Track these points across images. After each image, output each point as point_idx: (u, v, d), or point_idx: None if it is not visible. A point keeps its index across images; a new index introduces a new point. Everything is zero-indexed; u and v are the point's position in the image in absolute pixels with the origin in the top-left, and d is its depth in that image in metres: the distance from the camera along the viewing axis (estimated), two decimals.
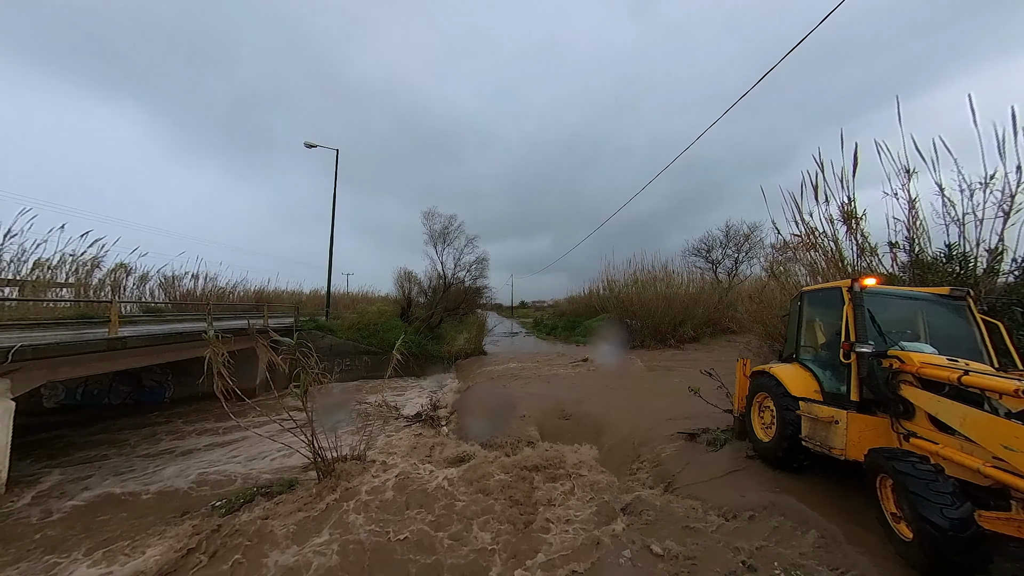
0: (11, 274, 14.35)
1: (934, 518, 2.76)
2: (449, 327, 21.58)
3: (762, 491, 4.67)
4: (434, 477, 5.94)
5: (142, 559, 4.25)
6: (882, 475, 3.38)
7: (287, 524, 4.69)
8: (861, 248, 7.34)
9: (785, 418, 4.73)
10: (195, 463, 7.95)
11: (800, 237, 8.41)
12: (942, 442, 3.36)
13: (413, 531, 4.55)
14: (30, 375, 6.82)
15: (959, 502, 2.78)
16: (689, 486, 5.29)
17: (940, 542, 2.73)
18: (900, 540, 3.16)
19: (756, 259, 25.02)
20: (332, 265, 21.01)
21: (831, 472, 4.66)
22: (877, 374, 3.88)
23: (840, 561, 3.44)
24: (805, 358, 5.20)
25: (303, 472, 6.89)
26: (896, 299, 4.65)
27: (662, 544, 3.95)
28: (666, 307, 19.68)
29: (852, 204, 7.39)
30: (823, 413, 4.32)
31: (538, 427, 8.51)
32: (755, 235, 25.62)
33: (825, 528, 3.84)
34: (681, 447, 6.40)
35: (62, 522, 5.69)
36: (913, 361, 3.72)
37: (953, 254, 6.67)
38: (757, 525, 4.21)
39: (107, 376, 12.40)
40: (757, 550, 3.75)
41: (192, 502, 6.22)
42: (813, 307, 5.32)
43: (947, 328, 4.45)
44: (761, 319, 10.52)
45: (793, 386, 4.82)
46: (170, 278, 20.27)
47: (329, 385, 6.06)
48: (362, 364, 17.53)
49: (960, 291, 4.47)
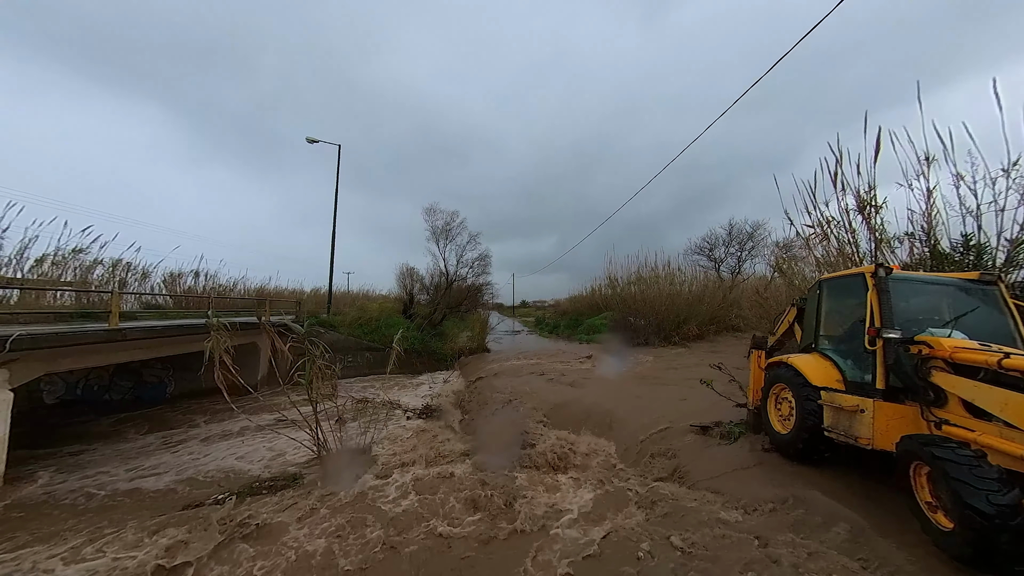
0: (12, 271, 14.22)
1: (980, 505, 2.61)
2: (452, 325, 21.44)
3: (782, 484, 4.53)
4: (437, 473, 5.80)
5: (144, 552, 4.12)
6: (916, 463, 3.23)
7: (292, 517, 4.55)
8: (878, 239, 7.19)
9: (806, 408, 4.58)
10: (197, 457, 7.82)
11: (813, 228, 8.26)
12: (979, 429, 3.22)
13: (413, 529, 4.41)
14: (29, 366, 6.69)
15: (1006, 488, 2.63)
16: (705, 480, 5.14)
17: (986, 530, 2.59)
18: (938, 530, 3.01)
19: (759, 257, 24.89)
20: (334, 262, 20.91)
21: (852, 464, 4.52)
22: (905, 361, 3.74)
23: (871, 554, 3.30)
24: (825, 347, 5.06)
25: (307, 467, 6.76)
26: (922, 284, 4.51)
27: (681, 536, 3.81)
28: (670, 304, 19.54)
29: (872, 192, 7.22)
30: (847, 402, 4.17)
31: (546, 419, 8.37)
32: (758, 234, 25.51)
33: (852, 520, 3.69)
34: (694, 440, 6.25)
35: (61, 515, 5.56)
36: (944, 347, 3.57)
37: (970, 244, 6.53)
38: (779, 518, 4.06)
39: (107, 371, 12.28)
40: (781, 543, 3.61)
41: (195, 496, 6.08)
42: (833, 295, 5.17)
43: (976, 314, 4.30)
44: (768, 315, 10.38)
45: (814, 376, 4.67)
46: (172, 275, 20.16)
47: (335, 381, 5.93)
48: (364, 360, 17.41)
49: (991, 275, 4.33)
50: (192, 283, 21.04)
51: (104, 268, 16.91)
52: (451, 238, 23.03)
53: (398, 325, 17.67)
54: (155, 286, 19.43)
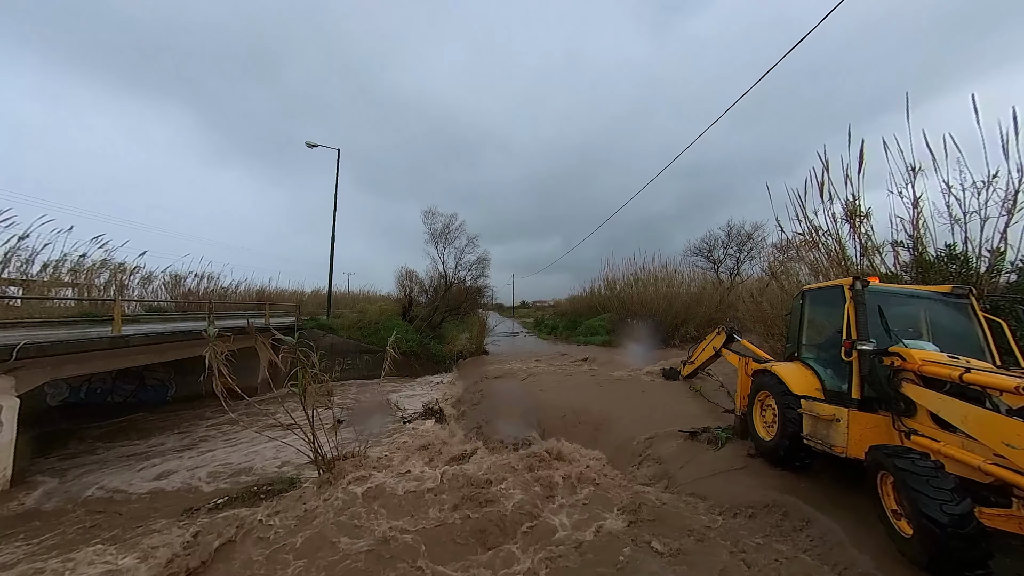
0: (19, 274, 14.45)
1: (934, 514, 2.76)
2: (451, 327, 21.58)
3: (763, 489, 4.67)
4: (437, 474, 5.95)
5: (145, 554, 4.27)
6: (883, 472, 3.38)
7: (289, 521, 4.71)
8: (864, 247, 7.32)
9: (787, 416, 4.73)
10: (196, 461, 7.98)
11: (803, 236, 8.39)
12: (943, 439, 3.36)
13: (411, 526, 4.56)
14: (34, 373, 6.86)
15: (959, 498, 2.78)
16: (690, 483, 5.30)
17: (940, 538, 2.73)
18: (901, 537, 3.16)
19: (758, 259, 24.94)
20: (333, 264, 21.08)
21: (834, 471, 4.65)
22: (879, 372, 3.88)
23: (841, 558, 3.45)
24: (807, 356, 5.20)
25: (303, 470, 6.93)
26: (898, 297, 4.65)
27: (662, 541, 3.96)
28: (667, 307, 19.66)
29: (857, 202, 7.37)
30: (825, 411, 4.32)
31: (539, 425, 8.52)
32: (757, 235, 25.55)
33: (827, 526, 3.84)
34: (682, 445, 6.40)
35: (65, 518, 5.71)
36: (914, 359, 3.71)
37: (954, 253, 6.66)
38: (758, 523, 4.21)
39: (110, 375, 12.46)
40: (757, 547, 3.75)
41: (193, 499, 6.24)
42: (815, 306, 5.32)
43: (950, 326, 4.44)
44: (762, 319, 10.50)
45: (795, 384, 4.81)
46: (174, 277, 20.39)
47: (330, 387, 6.08)
48: (363, 363, 17.56)
49: (962, 289, 4.47)
50: (195, 285, 21.29)
51: (109, 272, 17.16)
52: (450, 241, 23.22)
53: (397, 328, 17.83)
54: (158, 289, 19.67)
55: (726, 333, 7.59)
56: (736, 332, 7.56)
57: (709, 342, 8.19)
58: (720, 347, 7.68)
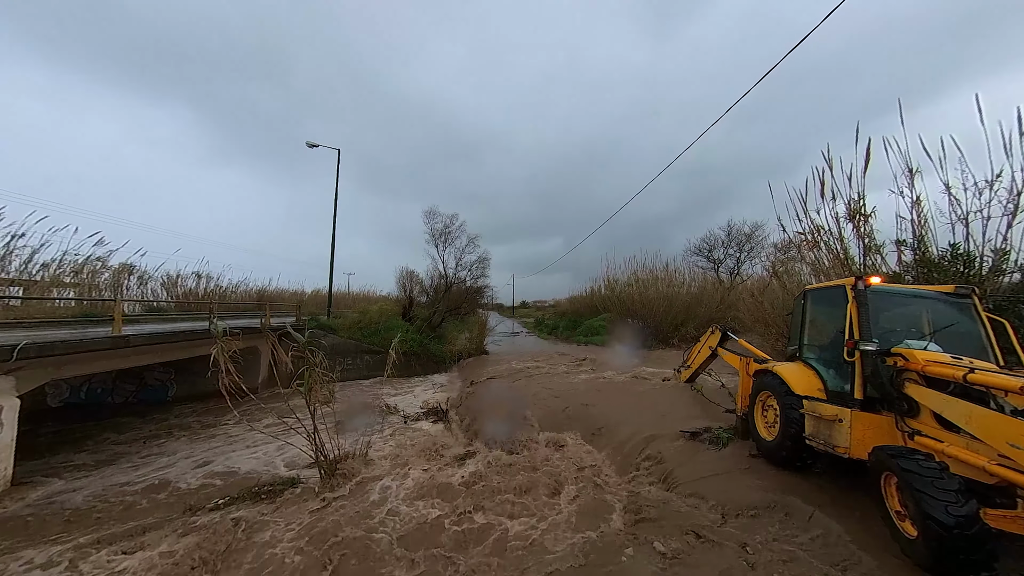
0: (20, 274, 14.45)
1: (939, 515, 2.75)
2: (451, 327, 21.57)
3: (765, 490, 4.66)
4: (437, 475, 5.94)
5: (148, 554, 4.27)
6: (886, 473, 3.36)
7: (291, 521, 4.70)
8: (867, 246, 7.31)
9: (789, 417, 4.71)
10: (197, 460, 7.97)
11: (804, 235, 8.37)
12: (947, 440, 3.35)
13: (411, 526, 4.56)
14: (35, 373, 6.85)
15: (964, 499, 2.76)
16: (691, 483, 5.27)
17: (945, 539, 2.72)
18: (905, 538, 3.14)
19: (758, 259, 24.95)
20: (334, 264, 21.07)
21: (836, 471, 4.64)
22: (881, 372, 3.87)
23: (843, 559, 3.44)
24: (809, 356, 5.18)
25: (305, 470, 6.91)
26: (901, 297, 4.63)
27: (664, 541, 3.95)
28: (667, 306, 19.65)
29: (860, 201, 7.34)
30: (827, 412, 4.30)
31: (539, 424, 8.50)
32: (757, 235, 25.56)
33: (829, 527, 3.82)
34: (683, 446, 6.37)
35: (66, 518, 5.71)
36: (917, 359, 3.70)
37: (957, 253, 6.64)
38: (760, 523, 4.20)
39: (110, 375, 12.46)
40: (760, 547, 3.74)
41: (196, 499, 6.23)
42: (817, 305, 5.30)
43: (953, 326, 4.42)
44: (763, 319, 10.49)
45: (797, 384, 4.80)
46: (172, 276, 20.38)
47: (334, 386, 6.07)
48: (364, 363, 17.54)
49: (965, 289, 4.45)
50: (193, 285, 21.29)
51: (110, 272, 17.16)
52: (450, 241, 23.19)
53: (398, 328, 17.81)
54: (157, 289, 19.67)
55: (720, 331, 7.55)
56: (731, 330, 7.50)
57: (704, 342, 8.16)
58: (715, 346, 7.64)
